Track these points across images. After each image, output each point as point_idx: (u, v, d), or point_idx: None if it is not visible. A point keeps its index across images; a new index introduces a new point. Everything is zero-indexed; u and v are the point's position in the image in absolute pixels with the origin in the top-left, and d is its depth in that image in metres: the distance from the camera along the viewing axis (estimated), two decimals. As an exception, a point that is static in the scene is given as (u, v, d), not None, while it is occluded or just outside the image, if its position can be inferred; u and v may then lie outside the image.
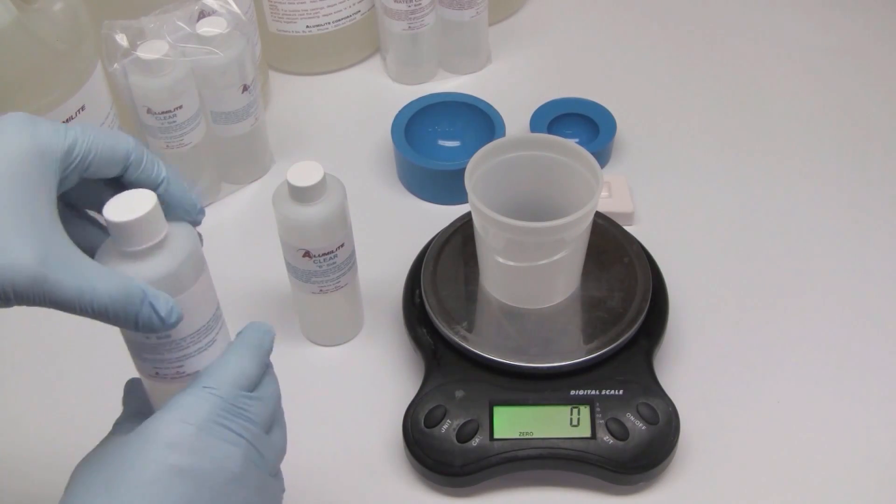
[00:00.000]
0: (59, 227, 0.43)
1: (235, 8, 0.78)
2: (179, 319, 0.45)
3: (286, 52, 0.96)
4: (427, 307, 0.69)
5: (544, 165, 0.68)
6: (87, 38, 0.72)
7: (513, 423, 0.64)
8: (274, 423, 0.51)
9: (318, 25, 0.93)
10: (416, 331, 0.70)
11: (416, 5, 0.90)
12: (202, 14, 0.77)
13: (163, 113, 0.76)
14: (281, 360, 0.74)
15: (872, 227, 0.82)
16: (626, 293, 0.70)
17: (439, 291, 0.70)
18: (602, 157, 0.87)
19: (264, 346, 0.51)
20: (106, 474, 0.45)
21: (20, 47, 0.67)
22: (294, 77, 0.98)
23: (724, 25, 1.03)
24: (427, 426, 0.64)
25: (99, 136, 0.45)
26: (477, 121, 0.87)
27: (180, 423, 0.45)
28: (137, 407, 0.52)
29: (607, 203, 0.81)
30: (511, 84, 0.96)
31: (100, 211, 0.45)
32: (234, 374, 0.48)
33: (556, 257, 0.66)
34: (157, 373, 0.49)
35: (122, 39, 0.73)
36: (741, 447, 0.67)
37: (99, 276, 0.42)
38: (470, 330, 0.68)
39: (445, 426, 0.64)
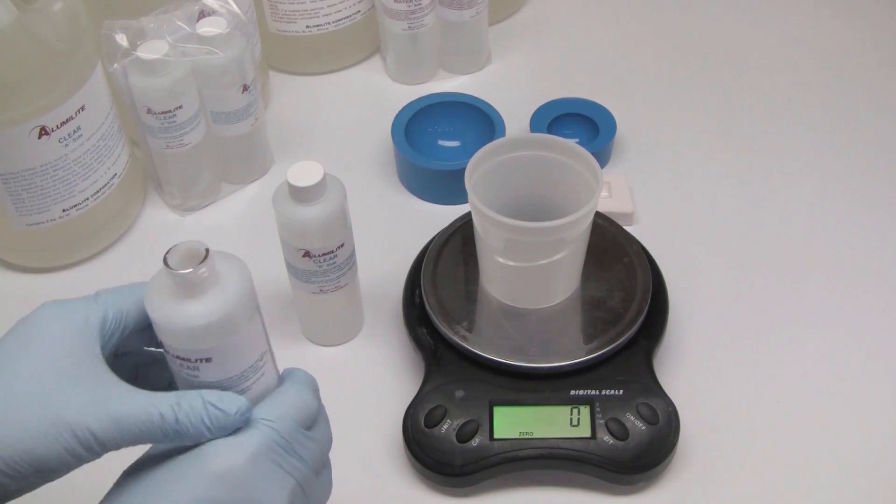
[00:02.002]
0: (114, 378, 0.45)
1: (235, 8, 0.78)
2: (249, 410, 0.46)
3: (286, 52, 0.96)
4: (427, 307, 0.69)
5: (544, 165, 0.68)
6: (87, 38, 0.72)
7: (513, 423, 0.64)
8: (323, 465, 0.50)
9: (318, 25, 0.93)
10: (416, 331, 0.70)
11: (416, 5, 0.90)
12: (202, 14, 0.77)
13: (163, 113, 0.76)
14: (281, 360, 0.74)
15: (873, 228, 0.82)
16: (626, 293, 0.70)
17: (439, 291, 0.70)
18: (602, 157, 0.87)
19: (316, 386, 0.51)
20: (146, 493, 0.44)
21: (20, 47, 0.67)
22: (294, 77, 0.98)
23: (724, 25, 1.03)
24: (427, 426, 0.64)
25: (126, 297, 0.48)
26: (477, 121, 0.87)
27: (232, 454, 0.44)
28: None
29: (607, 203, 0.81)
30: (511, 84, 0.96)
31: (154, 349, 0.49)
32: (295, 408, 0.48)
33: (556, 257, 0.66)
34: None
35: (122, 39, 0.73)
36: (741, 447, 0.67)
37: (158, 401, 0.44)
38: (470, 330, 0.68)
39: (445, 426, 0.64)
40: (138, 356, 0.51)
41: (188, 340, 0.45)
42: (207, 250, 0.44)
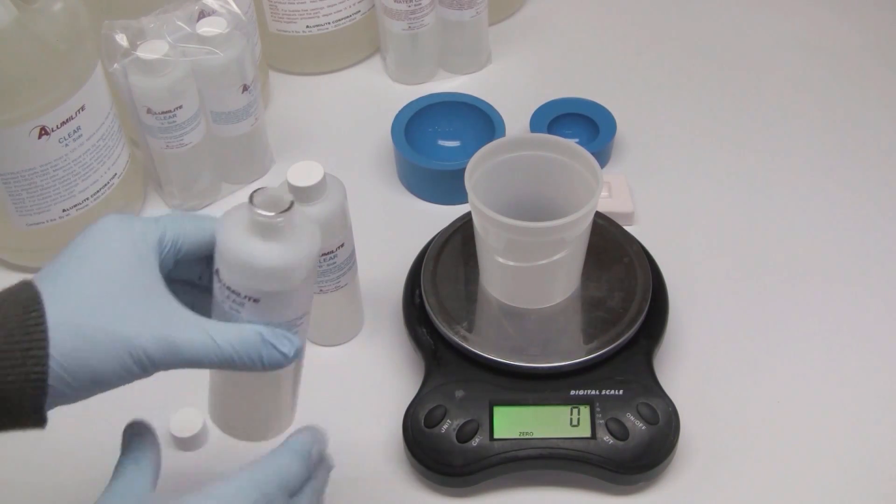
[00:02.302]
0: (171, 297, 0.46)
1: (235, 8, 0.77)
2: (300, 352, 0.48)
3: (286, 52, 0.96)
4: (427, 307, 0.69)
5: (544, 165, 0.68)
6: (87, 38, 0.72)
7: (513, 423, 0.64)
8: None
9: (318, 25, 0.93)
10: (416, 331, 0.70)
11: (416, 5, 0.90)
12: (202, 14, 0.77)
13: (163, 113, 0.76)
14: (281, 360, 0.74)
15: (873, 228, 0.82)
16: (626, 293, 0.70)
17: (439, 291, 0.70)
18: (602, 157, 0.87)
19: (312, 453, 0.51)
20: None
21: (20, 47, 0.67)
22: (294, 77, 0.98)
23: (724, 25, 1.03)
24: (427, 426, 0.64)
25: (186, 224, 0.49)
26: (477, 121, 0.87)
27: None
28: (141, 454, 0.51)
29: (607, 203, 0.81)
30: (511, 84, 0.96)
31: (205, 281, 0.50)
32: (281, 473, 0.48)
33: (556, 257, 0.66)
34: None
35: (122, 39, 0.73)
36: (741, 447, 0.67)
37: (219, 332, 0.46)
38: (470, 330, 0.68)
39: (445, 426, 0.64)
40: (180, 288, 0.51)
41: (245, 275, 0.46)
42: (292, 203, 0.45)
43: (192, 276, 0.51)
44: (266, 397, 0.53)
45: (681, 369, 0.71)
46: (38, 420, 0.43)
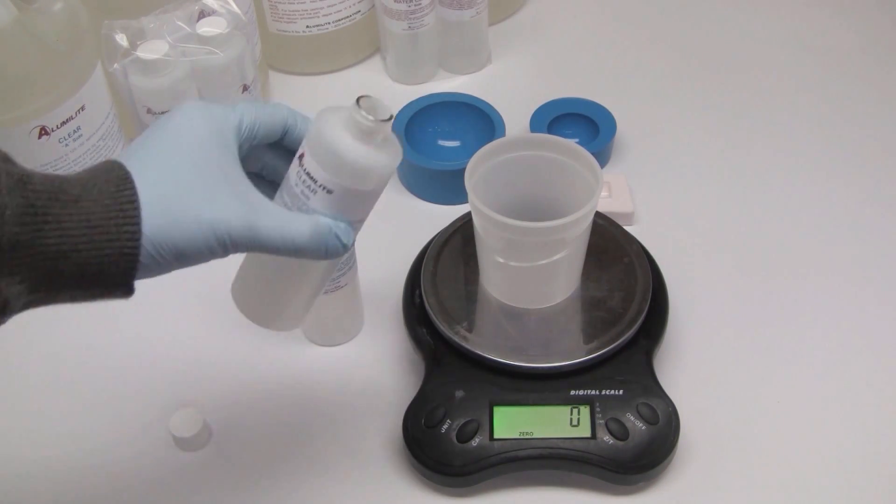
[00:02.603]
0: (251, 184, 0.49)
1: (235, 8, 0.77)
2: (352, 243, 0.52)
3: (286, 52, 0.96)
4: (427, 307, 0.69)
5: (544, 165, 0.68)
6: (87, 38, 0.72)
7: (513, 423, 0.64)
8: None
9: (318, 25, 0.93)
10: (416, 331, 0.70)
11: (416, 5, 0.90)
12: (202, 14, 0.77)
13: (163, 113, 0.76)
14: (281, 360, 0.74)
15: (873, 228, 0.82)
16: (626, 293, 0.70)
17: (439, 291, 0.70)
18: (602, 157, 0.87)
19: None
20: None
21: (20, 47, 0.67)
22: (294, 77, 0.98)
23: (724, 25, 1.03)
24: (427, 426, 0.64)
25: (260, 110, 0.51)
26: (477, 121, 0.87)
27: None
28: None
29: (607, 203, 0.81)
30: (511, 84, 0.96)
31: (266, 173, 0.54)
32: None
33: (556, 257, 0.66)
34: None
35: (122, 39, 0.73)
36: (741, 447, 0.67)
37: (294, 219, 0.49)
38: (470, 330, 0.68)
39: (445, 426, 0.64)
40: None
41: (330, 165, 0.49)
42: (391, 116, 0.50)
43: (254, 167, 0.54)
44: (290, 289, 0.56)
45: (681, 369, 0.71)
46: (127, 290, 0.46)
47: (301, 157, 0.50)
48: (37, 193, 0.42)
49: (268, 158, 0.54)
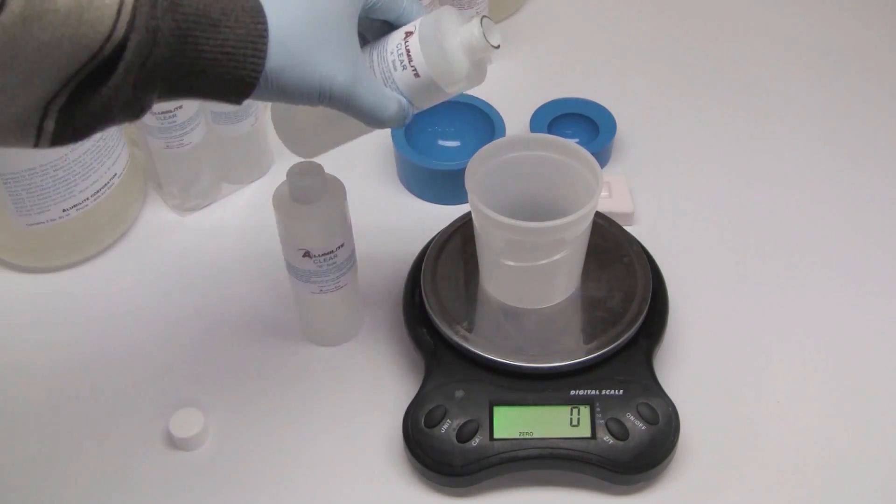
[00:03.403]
0: (362, 53, 0.54)
1: None
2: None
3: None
4: (427, 307, 0.69)
5: (544, 165, 0.68)
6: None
7: (513, 423, 0.64)
8: None
9: None
10: (416, 331, 0.70)
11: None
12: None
13: (163, 113, 0.76)
14: (281, 360, 0.74)
15: (873, 228, 0.82)
16: (626, 293, 0.70)
17: (439, 291, 0.70)
18: (602, 157, 0.87)
19: None
20: None
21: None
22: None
23: (724, 25, 1.03)
24: (427, 426, 0.64)
25: None
26: (477, 121, 0.87)
27: None
28: None
29: (607, 203, 0.81)
30: (511, 84, 0.96)
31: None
32: None
33: (556, 257, 0.66)
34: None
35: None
36: (741, 447, 0.67)
37: (386, 95, 0.54)
38: (470, 330, 0.68)
39: (445, 426, 0.64)
40: None
41: (431, 53, 0.54)
42: (498, 46, 0.55)
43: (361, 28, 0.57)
44: (331, 135, 0.62)
45: (681, 369, 0.71)
46: (238, 104, 0.50)
47: (409, 34, 0.54)
48: (185, 16, 0.46)
49: (374, 30, 0.57)
